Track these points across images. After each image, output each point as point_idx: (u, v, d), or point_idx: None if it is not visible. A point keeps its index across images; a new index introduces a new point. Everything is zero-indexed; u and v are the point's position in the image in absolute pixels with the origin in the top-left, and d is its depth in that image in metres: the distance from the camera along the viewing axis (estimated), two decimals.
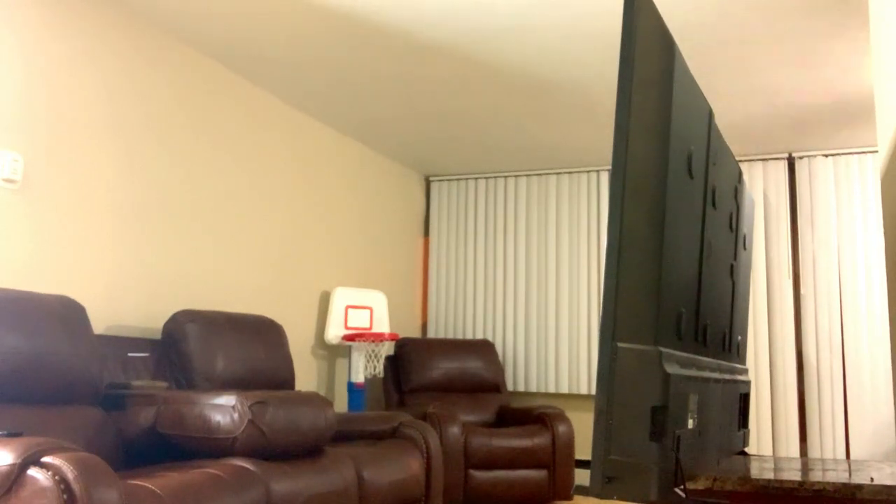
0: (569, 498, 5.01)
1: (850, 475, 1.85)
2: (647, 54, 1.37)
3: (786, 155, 5.69)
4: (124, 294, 3.67)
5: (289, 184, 4.90)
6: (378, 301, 5.38)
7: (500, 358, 6.21)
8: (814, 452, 5.36)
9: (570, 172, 6.25)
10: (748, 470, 1.88)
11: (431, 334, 6.47)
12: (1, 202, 3.11)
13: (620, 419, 1.26)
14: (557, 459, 4.95)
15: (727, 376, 1.98)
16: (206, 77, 4.23)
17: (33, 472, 2.05)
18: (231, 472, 2.61)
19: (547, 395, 6.18)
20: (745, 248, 2.34)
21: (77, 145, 3.45)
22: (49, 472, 2.04)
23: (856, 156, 5.51)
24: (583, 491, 5.51)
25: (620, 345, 1.27)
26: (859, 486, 1.66)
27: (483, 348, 5.73)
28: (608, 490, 1.24)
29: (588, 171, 6.21)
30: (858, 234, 5.39)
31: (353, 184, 5.61)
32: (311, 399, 3.07)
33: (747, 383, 2.34)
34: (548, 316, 6.15)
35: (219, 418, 2.78)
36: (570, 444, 5.01)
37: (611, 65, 4.18)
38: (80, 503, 2.01)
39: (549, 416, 5.05)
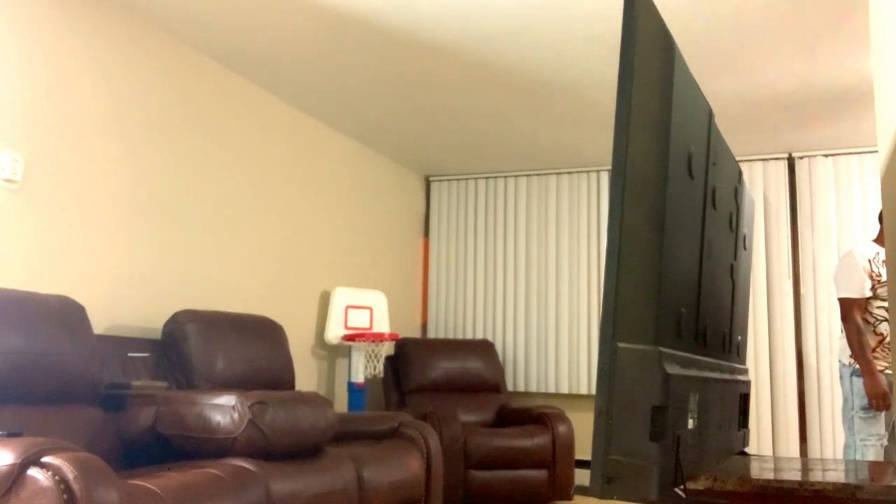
0: (569, 498, 5.01)
1: (849, 475, 1.85)
2: (647, 54, 1.37)
3: (786, 155, 5.69)
4: (124, 294, 3.67)
5: (289, 184, 4.90)
6: (378, 301, 5.38)
7: (500, 358, 6.21)
8: (814, 452, 5.36)
9: (570, 172, 6.25)
10: (748, 470, 1.88)
11: (431, 334, 6.47)
12: (1, 202, 3.11)
13: (620, 419, 1.26)
14: (557, 459, 4.95)
15: (727, 376, 1.98)
16: (207, 77, 4.23)
17: (33, 472, 2.05)
18: (231, 472, 2.61)
19: (547, 395, 6.18)
20: (745, 249, 2.34)
21: (77, 145, 3.45)
22: (49, 472, 2.04)
23: (856, 156, 5.51)
24: (583, 491, 5.51)
25: (620, 345, 1.27)
26: (859, 486, 1.66)
27: (483, 348, 5.73)
28: (608, 490, 1.24)
29: (588, 171, 6.21)
30: (858, 234, 5.39)
31: (353, 184, 5.61)
32: (311, 399, 3.07)
33: (747, 383, 2.34)
34: (548, 316, 6.14)
35: (219, 418, 2.78)
36: (570, 444, 5.01)
37: (611, 65, 4.18)
38: (80, 503, 2.01)
39: (549, 416, 5.05)
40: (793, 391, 5.46)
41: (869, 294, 3.83)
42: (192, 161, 4.12)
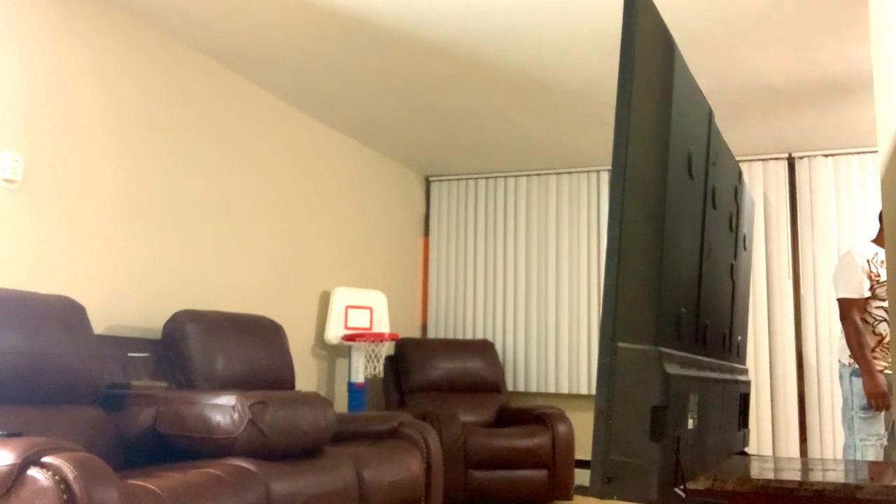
0: (569, 498, 5.01)
1: (849, 475, 1.85)
2: (647, 54, 1.37)
3: (786, 155, 5.69)
4: (124, 294, 3.67)
5: (289, 184, 4.90)
6: (378, 301, 5.38)
7: (500, 358, 6.21)
8: (814, 452, 5.36)
9: (570, 172, 6.25)
10: (748, 470, 1.88)
11: (431, 334, 6.47)
12: (1, 202, 3.11)
13: (620, 419, 1.26)
14: (557, 459, 4.95)
15: (727, 376, 1.98)
16: (206, 77, 4.23)
17: (33, 472, 2.05)
18: (231, 472, 2.61)
19: (547, 395, 6.18)
20: (745, 249, 2.34)
21: (77, 145, 3.45)
22: (49, 472, 2.03)
23: (856, 156, 5.51)
24: (583, 491, 5.51)
25: (620, 345, 1.27)
26: (859, 486, 1.66)
27: (483, 348, 5.73)
28: (608, 490, 1.24)
29: (588, 171, 6.21)
30: (858, 234, 5.39)
31: (353, 184, 5.61)
32: (311, 399, 3.07)
33: (747, 383, 2.34)
34: (548, 316, 6.14)
35: (219, 418, 2.78)
36: (570, 444, 5.01)
37: (610, 65, 4.18)
38: (81, 503, 2.01)
39: (549, 416, 5.05)
40: (793, 391, 5.46)
41: (868, 294, 3.83)
42: (192, 161, 4.12)
